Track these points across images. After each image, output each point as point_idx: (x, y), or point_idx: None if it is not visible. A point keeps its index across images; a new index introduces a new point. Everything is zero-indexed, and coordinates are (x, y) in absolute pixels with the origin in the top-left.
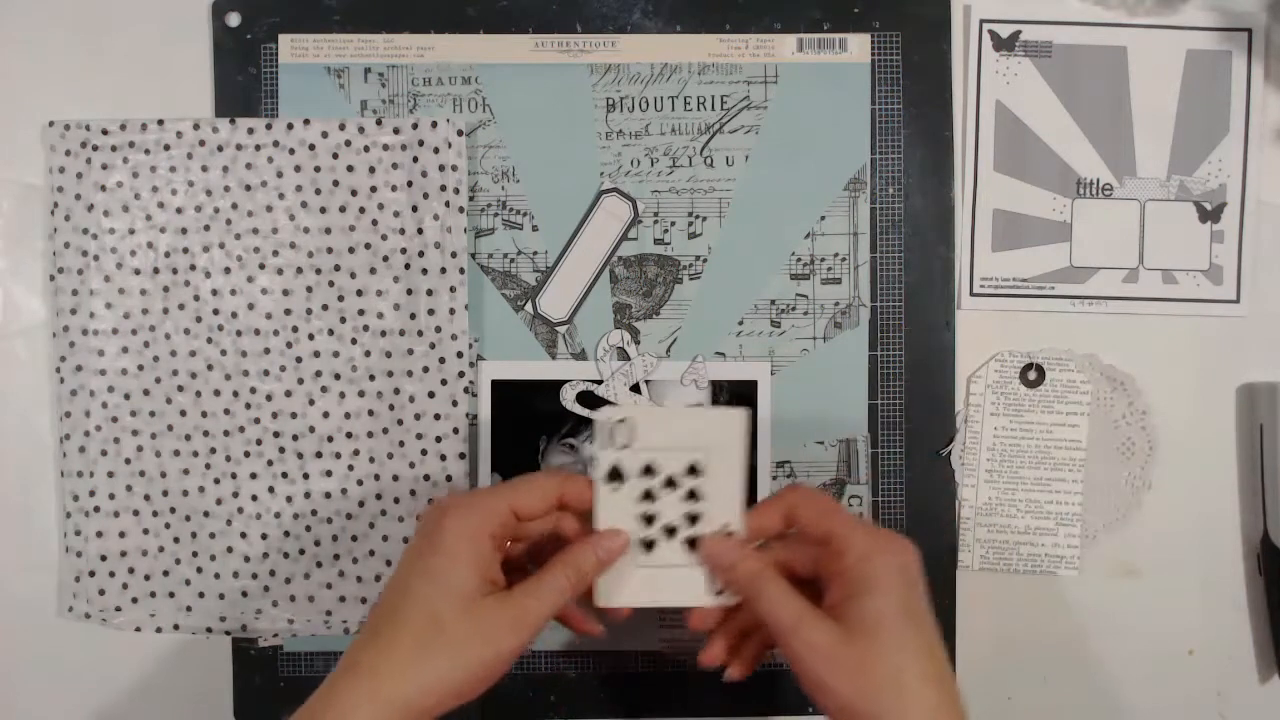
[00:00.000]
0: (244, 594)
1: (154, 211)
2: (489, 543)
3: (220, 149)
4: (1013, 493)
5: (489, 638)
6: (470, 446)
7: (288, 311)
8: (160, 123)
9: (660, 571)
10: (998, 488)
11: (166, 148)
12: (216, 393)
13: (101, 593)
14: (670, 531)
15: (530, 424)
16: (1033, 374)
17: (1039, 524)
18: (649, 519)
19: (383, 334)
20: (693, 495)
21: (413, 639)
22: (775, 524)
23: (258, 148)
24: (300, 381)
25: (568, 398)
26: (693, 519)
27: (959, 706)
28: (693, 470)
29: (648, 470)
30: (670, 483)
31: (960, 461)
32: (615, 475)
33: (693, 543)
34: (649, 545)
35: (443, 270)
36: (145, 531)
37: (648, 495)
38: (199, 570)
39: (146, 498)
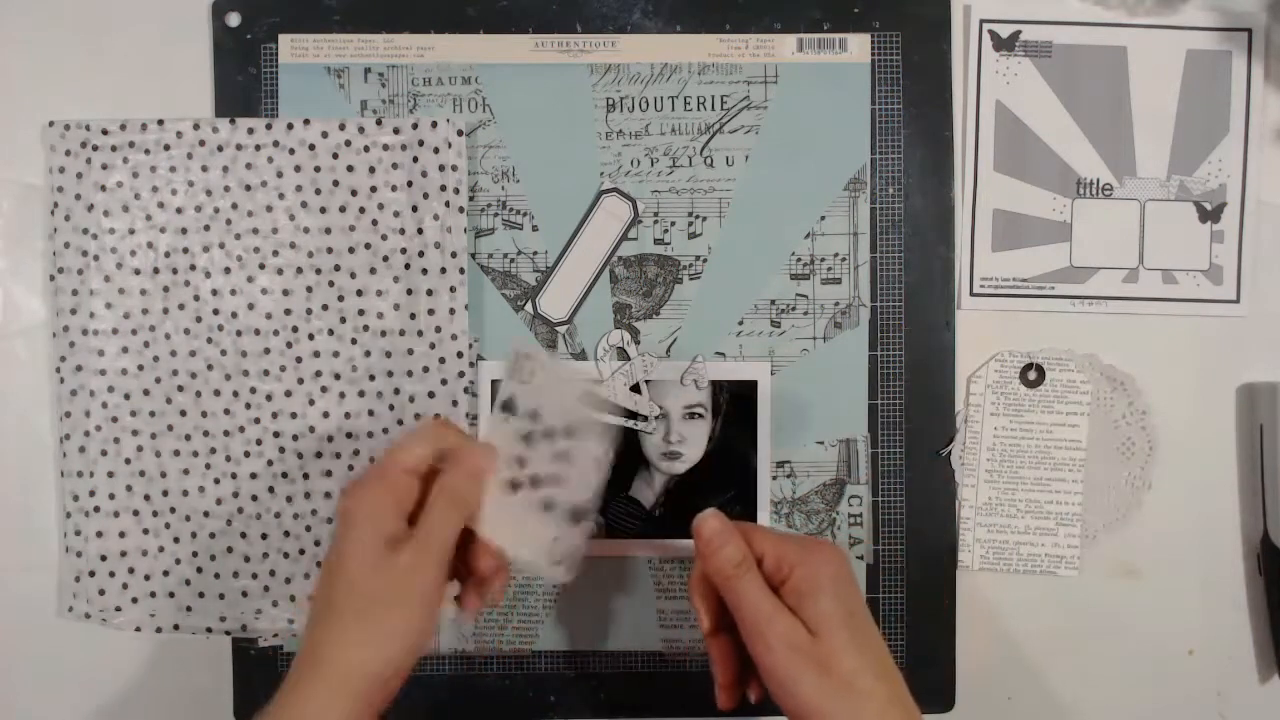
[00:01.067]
0: (244, 594)
1: (154, 211)
2: (390, 508)
3: (220, 149)
4: (1013, 493)
5: (404, 583)
6: None
7: (288, 311)
8: (160, 123)
9: (518, 516)
10: (998, 488)
11: (166, 148)
12: (216, 393)
13: (101, 593)
14: (535, 483)
15: None
16: (1033, 374)
17: (1039, 524)
18: (522, 462)
19: (383, 334)
20: (564, 459)
21: (340, 610)
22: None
23: (258, 148)
24: (300, 381)
25: None
26: (554, 481)
27: (907, 699)
28: (569, 434)
29: (532, 416)
30: (548, 435)
31: (960, 461)
32: (507, 407)
33: (548, 505)
34: (515, 487)
35: (443, 270)
36: (145, 531)
37: (527, 439)
38: (199, 570)
39: (146, 498)
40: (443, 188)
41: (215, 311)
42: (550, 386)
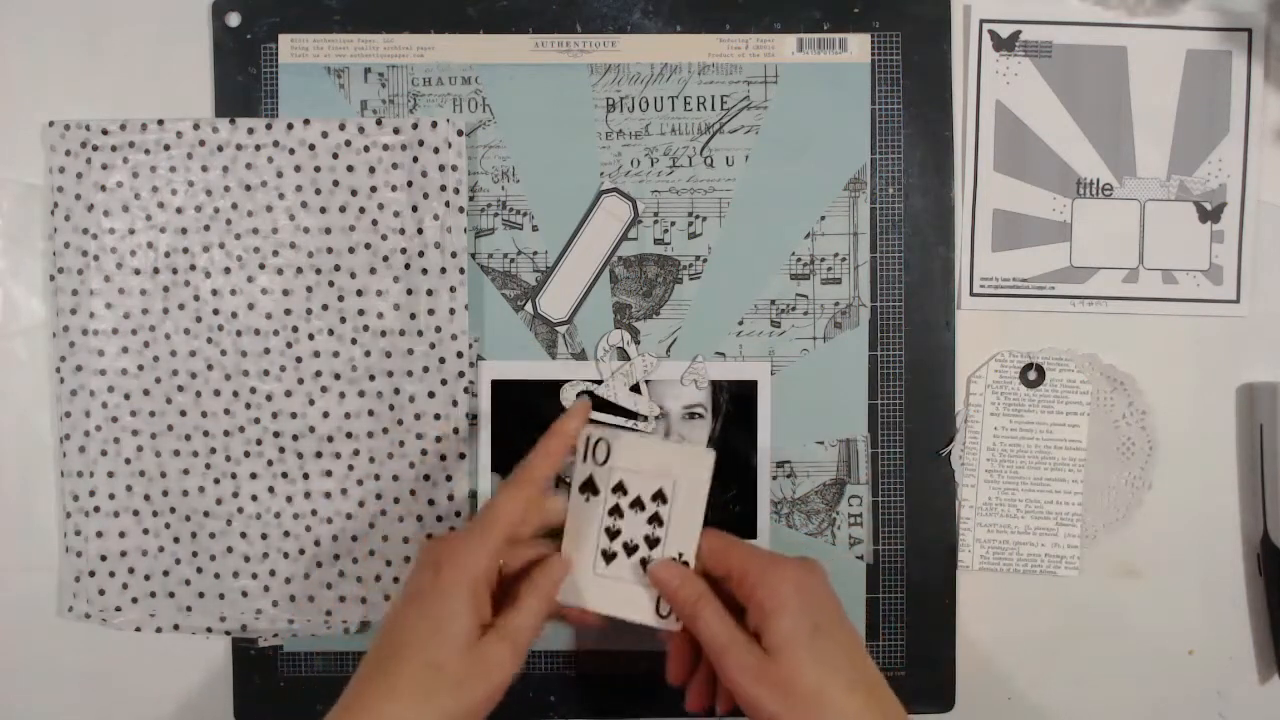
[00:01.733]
0: (244, 594)
1: (154, 211)
2: (485, 587)
3: (220, 149)
4: (1013, 493)
5: (486, 674)
6: (470, 446)
7: (288, 311)
8: (160, 123)
9: (615, 584)
10: (998, 488)
11: (166, 148)
12: (216, 393)
13: (101, 593)
14: (630, 549)
15: (530, 424)
16: (1033, 374)
17: (1039, 524)
18: (613, 533)
19: (383, 334)
20: (655, 520)
21: (414, 683)
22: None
23: (258, 148)
24: (300, 381)
25: (568, 398)
26: (652, 543)
27: (887, 707)
28: (659, 497)
29: (619, 488)
30: (637, 504)
31: (960, 461)
32: (588, 487)
33: (646, 564)
34: (609, 557)
35: (443, 270)
36: (145, 531)
37: (616, 511)
38: (199, 570)
39: (146, 498)
40: (443, 188)
41: (215, 311)
42: (629, 460)
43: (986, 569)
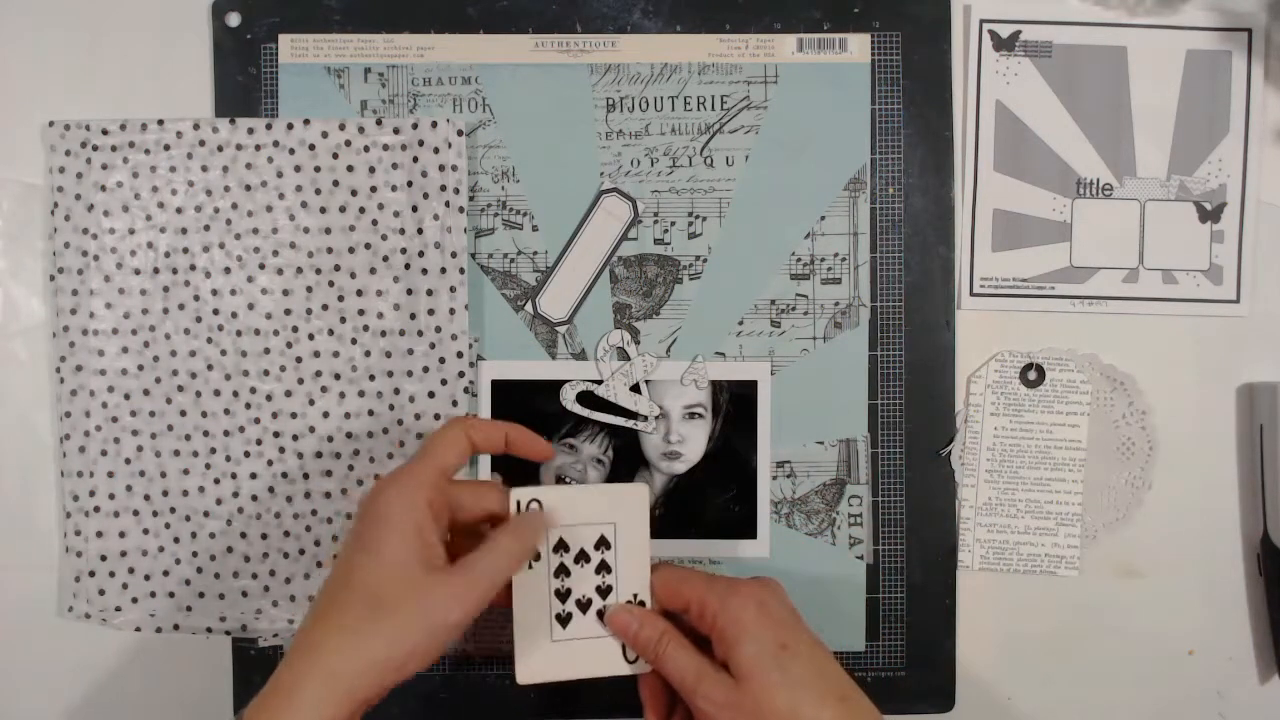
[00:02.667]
0: (244, 594)
1: (154, 211)
2: (426, 511)
3: (220, 149)
4: (1013, 493)
5: (430, 612)
6: None
7: (288, 311)
8: (160, 123)
9: (577, 644)
10: (998, 488)
11: (166, 148)
12: (216, 393)
13: (101, 593)
14: (584, 605)
15: (530, 424)
16: (1033, 374)
17: (1039, 524)
18: (564, 594)
19: (383, 334)
20: (603, 568)
21: (355, 616)
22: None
23: (258, 148)
24: (300, 381)
25: (568, 398)
26: (605, 592)
27: (860, 715)
28: (602, 544)
29: (560, 546)
30: (582, 557)
31: (960, 461)
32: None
33: (603, 615)
34: (565, 620)
35: (443, 270)
36: (145, 531)
37: (562, 571)
38: (199, 570)
39: (146, 498)
40: (443, 188)
41: (215, 311)
42: (564, 515)
43: (986, 569)
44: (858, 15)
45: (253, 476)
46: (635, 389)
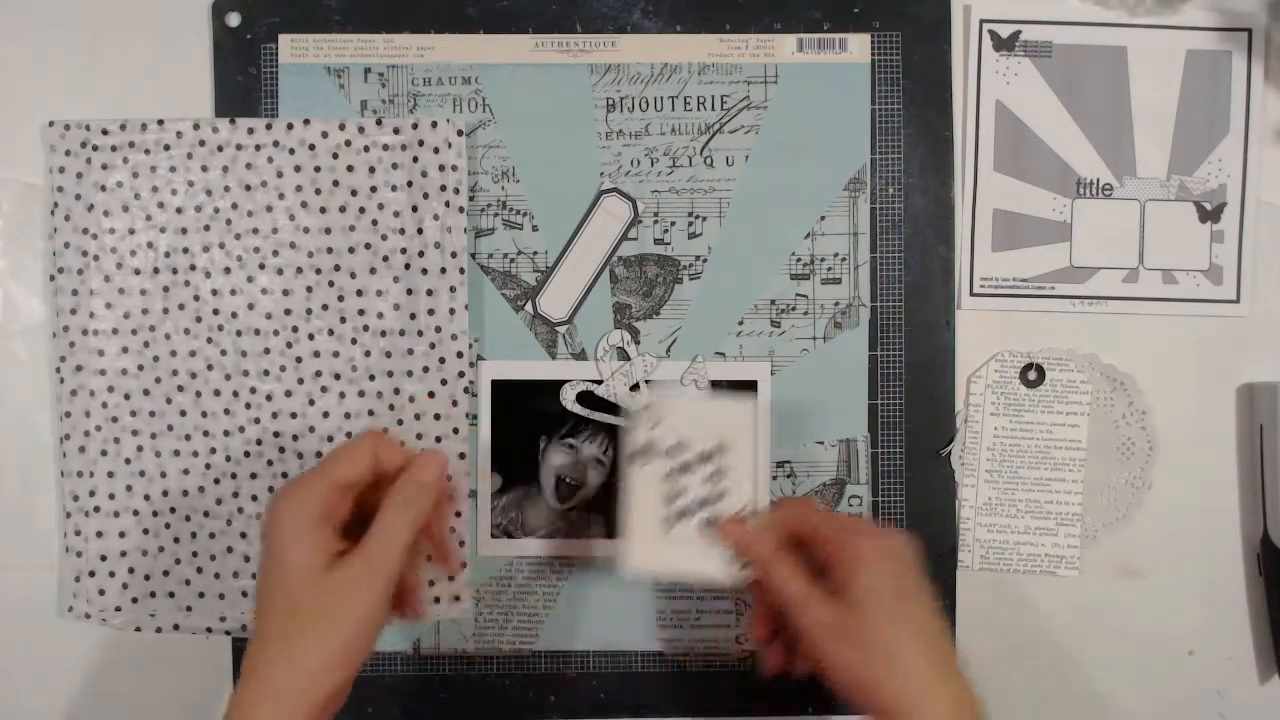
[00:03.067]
0: (244, 594)
1: (154, 211)
2: (318, 521)
3: (220, 149)
4: (1013, 493)
5: (344, 605)
6: (470, 446)
7: (288, 311)
8: (160, 123)
9: (685, 546)
10: (998, 488)
11: (166, 148)
12: (216, 393)
13: (101, 593)
14: (693, 510)
15: (530, 424)
16: (1033, 374)
17: (1039, 524)
18: (674, 496)
19: (383, 334)
20: (716, 476)
21: (282, 628)
22: (774, 531)
23: (258, 148)
24: (300, 381)
25: (568, 398)
26: (715, 499)
27: (958, 677)
28: (715, 454)
29: (673, 451)
30: (695, 463)
31: (960, 461)
32: (645, 454)
33: (711, 522)
34: (674, 521)
35: (443, 270)
36: (145, 531)
37: (675, 473)
38: (199, 570)
39: (146, 498)
40: (443, 188)
41: (215, 311)
42: (681, 422)
43: (986, 569)
44: (858, 15)
45: (253, 476)
46: (635, 389)
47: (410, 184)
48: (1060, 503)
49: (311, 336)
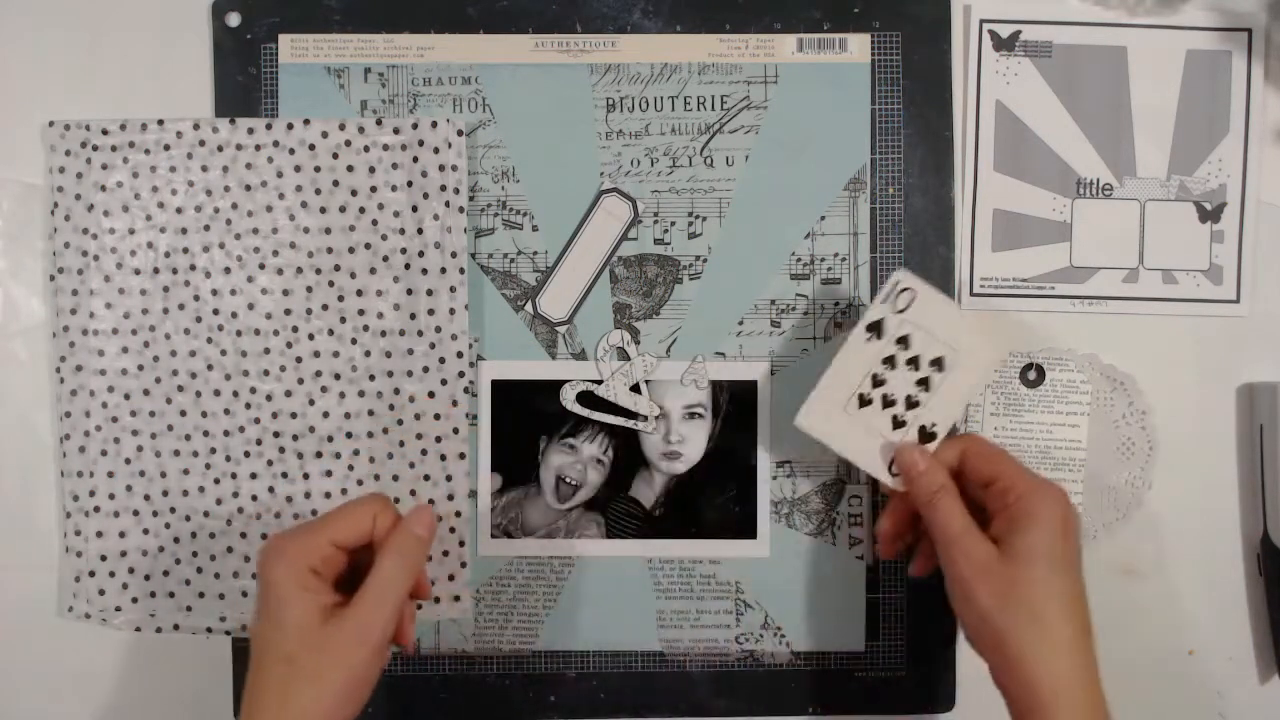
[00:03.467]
0: (244, 594)
1: (154, 211)
2: (312, 577)
3: (220, 149)
4: None
5: (340, 659)
6: (470, 446)
7: (288, 311)
8: (160, 123)
9: (858, 429)
10: None
11: (166, 148)
12: (216, 393)
13: (101, 593)
14: (888, 403)
15: (530, 424)
16: (1033, 374)
17: None
18: (878, 381)
19: (383, 334)
20: (924, 384)
21: (277, 683)
22: (950, 461)
23: (258, 148)
24: (300, 381)
25: (568, 398)
26: (911, 404)
27: (1093, 651)
28: (937, 363)
29: (903, 341)
30: (914, 362)
31: None
32: (875, 329)
33: (899, 422)
34: (865, 402)
35: (443, 270)
36: (145, 531)
37: (889, 362)
38: (199, 570)
39: (146, 498)
40: (443, 188)
41: (215, 311)
42: (926, 319)
43: None
44: (858, 15)
45: (253, 476)
46: (635, 389)
47: (410, 184)
48: None
49: (311, 336)
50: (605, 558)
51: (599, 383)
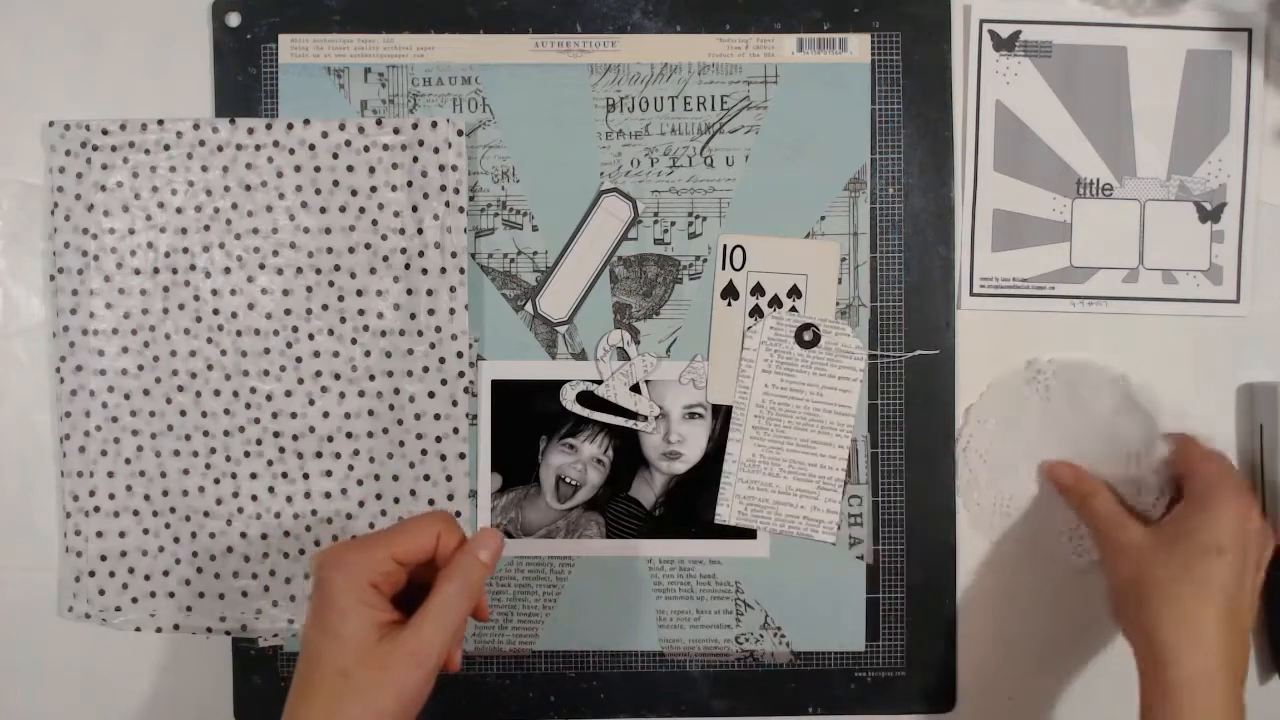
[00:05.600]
0: (244, 594)
1: (154, 211)
2: (372, 592)
3: (220, 149)
4: (779, 451)
5: (394, 678)
6: (470, 446)
7: (288, 311)
8: (160, 123)
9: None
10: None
11: (166, 148)
12: (216, 393)
13: (101, 593)
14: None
15: (530, 424)
16: (808, 335)
17: (801, 485)
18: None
19: (383, 334)
20: (793, 313)
21: (328, 695)
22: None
23: (258, 148)
24: (300, 381)
25: (568, 398)
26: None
27: (1219, 622)
28: (794, 293)
29: (756, 290)
30: (775, 302)
31: (964, 459)
32: (729, 292)
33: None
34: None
35: (443, 270)
36: (145, 531)
37: (756, 312)
38: (199, 570)
39: (146, 498)
40: (443, 188)
41: (215, 311)
42: (761, 261)
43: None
44: (858, 15)
45: (253, 476)
46: (635, 389)
47: (410, 184)
48: (825, 467)
49: (311, 336)
50: (605, 558)
51: (599, 383)
